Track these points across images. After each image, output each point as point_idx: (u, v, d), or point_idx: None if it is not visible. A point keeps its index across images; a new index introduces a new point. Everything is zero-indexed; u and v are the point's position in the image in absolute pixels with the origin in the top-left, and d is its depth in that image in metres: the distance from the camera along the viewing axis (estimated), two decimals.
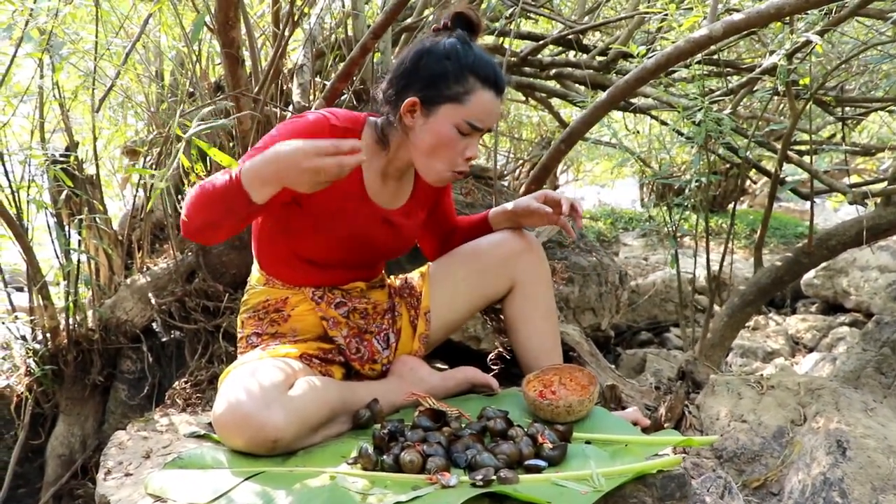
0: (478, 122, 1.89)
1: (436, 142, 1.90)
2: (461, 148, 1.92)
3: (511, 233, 2.24)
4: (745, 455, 2.29)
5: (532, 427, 1.79)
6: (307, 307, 2.07)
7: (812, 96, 2.47)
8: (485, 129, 1.93)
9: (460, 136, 1.90)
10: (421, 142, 1.92)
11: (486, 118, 1.92)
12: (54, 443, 2.75)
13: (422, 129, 1.91)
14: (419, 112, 1.90)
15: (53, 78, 2.44)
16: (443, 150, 1.91)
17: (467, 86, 1.87)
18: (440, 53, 1.88)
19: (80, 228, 2.70)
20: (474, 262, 2.20)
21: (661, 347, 5.11)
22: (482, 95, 1.89)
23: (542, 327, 2.20)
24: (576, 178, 10.18)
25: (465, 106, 1.88)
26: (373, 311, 2.15)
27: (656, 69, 1.94)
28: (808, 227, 2.73)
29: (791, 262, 2.79)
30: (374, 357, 2.11)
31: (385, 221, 2.07)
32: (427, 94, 1.88)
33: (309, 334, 2.08)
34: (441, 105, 1.88)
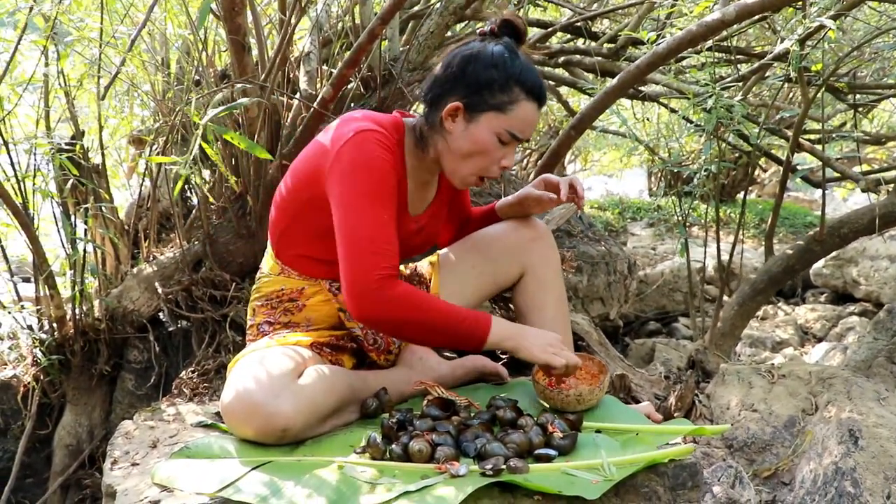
0: (518, 133, 1.89)
1: (474, 148, 1.89)
2: (498, 156, 1.92)
3: (521, 220, 2.22)
4: (756, 444, 2.27)
5: (542, 416, 1.77)
6: (323, 298, 2.05)
7: (825, 82, 2.43)
8: (524, 138, 1.93)
9: (499, 145, 1.89)
10: (458, 147, 1.90)
11: (527, 129, 1.91)
12: (61, 433, 2.74)
13: (461, 135, 1.89)
14: (461, 117, 1.88)
15: (59, 66, 2.42)
16: (479, 157, 1.91)
17: (512, 96, 1.85)
18: (488, 61, 1.86)
19: (86, 218, 2.69)
20: (484, 249, 2.18)
21: (669, 337, 5.09)
22: (525, 107, 1.87)
23: (552, 314, 2.18)
24: (584, 167, 10.14)
25: (508, 116, 1.86)
26: None
27: (668, 54, 1.92)
28: (820, 216, 2.70)
29: (802, 250, 2.76)
30: (390, 347, 2.10)
31: (416, 230, 2.07)
32: (471, 101, 1.86)
33: (323, 324, 2.06)
34: (484, 112, 1.86)
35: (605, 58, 3.25)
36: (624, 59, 3.21)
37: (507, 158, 1.93)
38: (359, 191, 1.79)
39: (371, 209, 1.78)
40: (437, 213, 2.15)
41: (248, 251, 2.71)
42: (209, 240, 2.70)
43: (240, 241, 2.70)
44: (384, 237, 1.78)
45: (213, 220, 2.77)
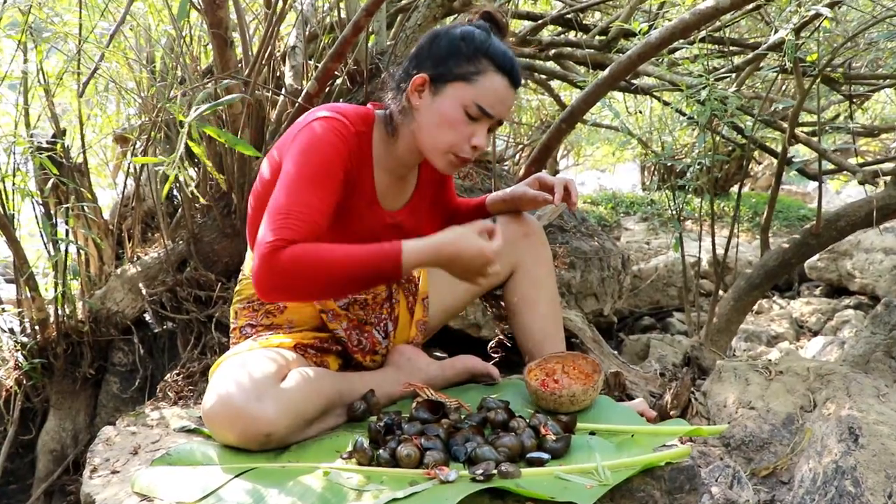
0: (487, 107, 1.79)
1: (441, 121, 1.81)
2: (467, 132, 1.82)
3: (512, 216, 2.17)
4: (754, 443, 2.23)
5: (534, 418, 1.73)
6: None
7: (821, 73, 2.39)
8: (495, 115, 1.82)
9: (467, 119, 1.80)
10: (426, 122, 1.83)
11: (497, 104, 1.81)
12: (45, 438, 2.68)
13: (428, 109, 1.82)
14: (427, 90, 1.82)
15: (38, 63, 2.36)
16: (447, 132, 1.82)
17: (479, 66, 1.79)
18: (455, 35, 1.81)
19: (67, 217, 2.63)
20: None
21: (663, 332, 5.05)
22: (494, 79, 1.79)
23: (543, 311, 2.14)
24: (576, 162, 10.10)
25: (474, 86, 1.78)
26: (372, 302, 2.07)
27: (660, 44, 1.86)
28: (816, 209, 2.65)
29: (798, 244, 2.71)
30: (375, 348, 2.04)
31: (392, 227, 2.00)
32: (437, 72, 1.81)
33: (305, 325, 2.01)
34: (450, 83, 1.80)
35: (596, 50, 3.20)
36: (615, 51, 3.16)
37: (478, 137, 1.83)
38: (295, 171, 1.74)
39: (299, 189, 1.71)
40: (417, 211, 2.08)
41: (233, 250, 2.65)
42: (194, 239, 2.65)
43: (225, 240, 2.65)
44: (299, 214, 1.69)
45: (197, 218, 2.71)
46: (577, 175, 10.99)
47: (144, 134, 2.78)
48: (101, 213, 2.90)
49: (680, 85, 2.54)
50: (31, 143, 2.47)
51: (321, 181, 1.74)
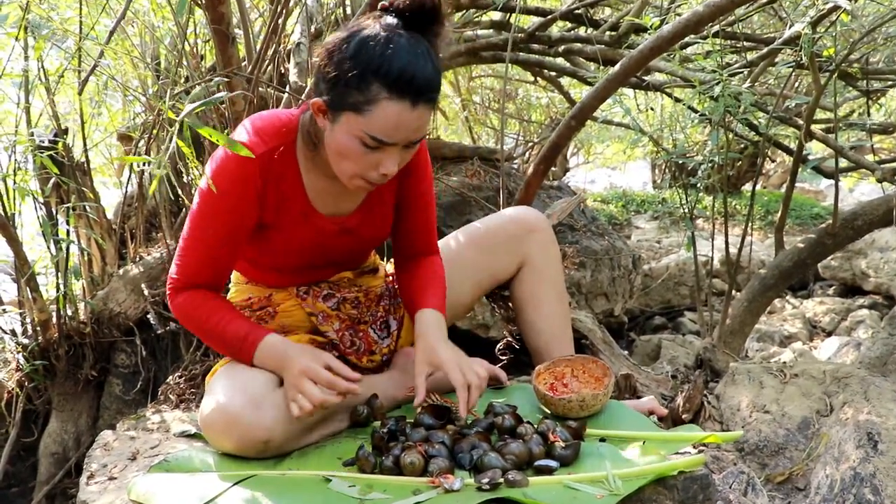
0: (384, 137, 1.57)
1: (340, 151, 1.64)
2: (370, 161, 1.63)
3: (520, 211, 2.13)
4: (769, 448, 2.17)
5: (542, 424, 1.67)
6: (293, 303, 1.95)
7: (838, 67, 2.32)
8: (396, 142, 1.60)
9: (366, 150, 1.60)
10: (329, 148, 1.68)
11: (393, 133, 1.58)
12: (47, 440, 2.66)
13: (329, 135, 1.65)
14: (327, 116, 1.64)
15: (38, 61, 2.32)
16: (348, 162, 1.64)
17: (369, 94, 1.54)
18: (349, 51, 1.56)
19: (68, 217, 2.59)
20: (481, 241, 2.09)
21: (675, 332, 5.00)
22: (387, 107, 1.54)
23: (551, 308, 2.09)
24: (586, 160, 10.04)
25: (366, 118, 1.56)
26: (365, 299, 2.02)
27: (673, 38, 1.81)
28: (832, 207, 2.59)
29: (814, 243, 2.65)
30: (372, 348, 1.99)
31: (339, 231, 1.87)
32: (331, 98, 1.61)
33: (299, 330, 1.96)
34: (343, 112, 1.59)
35: (606, 46, 3.14)
36: (626, 47, 3.10)
37: (386, 164, 1.62)
38: (196, 208, 1.75)
39: (197, 226, 1.75)
40: (372, 215, 1.92)
41: None
42: None
43: None
44: (195, 254, 1.76)
45: None
46: (588, 173, 10.92)
47: (147, 132, 2.74)
48: (104, 213, 2.87)
49: (693, 81, 2.48)
50: (32, 142, 2.43)
51: (219, 216, 1.73)
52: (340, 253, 1.95)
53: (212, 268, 1.77)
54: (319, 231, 1.85)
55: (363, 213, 1.91)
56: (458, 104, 5.96)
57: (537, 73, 4.67)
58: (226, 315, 1.75)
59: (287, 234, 1.82)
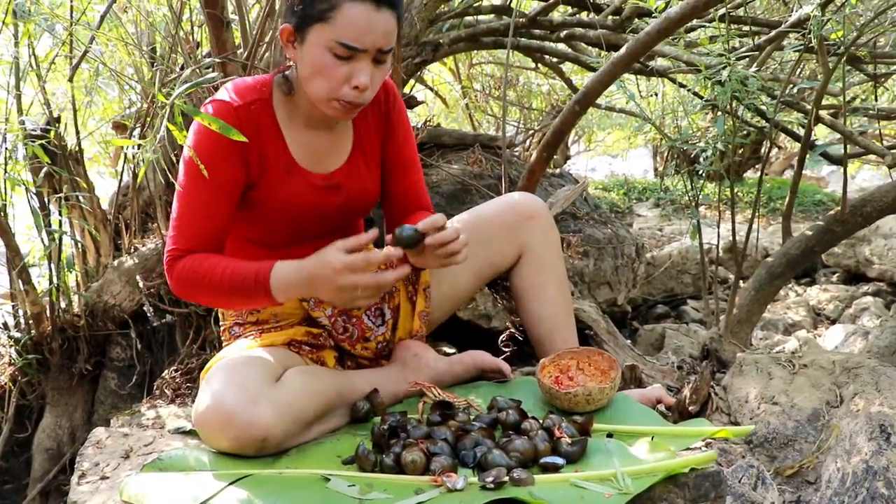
0: (351, 42, 1.60)
1: (312, 71, 1.65)
2: (342, 74, 1.64)
3: (516, 197, 2.08)
4: (778, 440, 2.13)
5: (548, 419, 1.62)
6: None
7: (847, 51, 2.27)
8: (365, 48, 1.62)
9: (337, 61, 1.63)
10: (303, 74, 1.69)
11: (361, 36, 1.60)
12: (41, 436, 2.61)
13: (300, 60, 1.68)
14: (296, 41, 1.68)
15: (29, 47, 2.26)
16: (321, 80, 1.65)
17: (331, 0, 1.59)
18: None
19: (61, 208, 2.54)
20: (478, 230, 2.01)
21: (678, 320, 4.94)
22: (351, 9, 1.58)
23: (553, 296, 2.04)
24: (587, 148, 9.98)
25: (332, 24, 1.59)
26: None
27: (681, 19, 1.75)
28: (842, 194, 2.54)
29: (822, 231, 2.60)
30: (366, 335, 1.94)
31: (325, 187, 1.85)
32: (297, 20, 1.65)
33: (292, 318, 1.91)
34: (310, 28, 1.63)
35: (610, 30, 3.08)
36: (630, 31, 3.04)
37: (358, 75, 1.64)
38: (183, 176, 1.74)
39: (187, 193, 1.73)
40: (357, 170, 1.91)
41: None
42: None
43: None
44: (189, 220, 1.73)
45: None
46: (589, 160, 10.86)
47: (141, 121, 2.68)
48: (99, 203, 2.81)
49: (699, 65, 2.42)
50: (22, 131, 2.37)
51: (206, 180, 1.69)
52: (330, 215, 1.89)
53: (206, 233, 1.73)
54: (305, 187, 1.82)
55: (348, 168, 1.90)
56: (459, 91, 5.90)
57: (539, 59, 4.60)
58: (229, 264, 1.68)
59: (274, 193, 1.79)
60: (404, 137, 2.00)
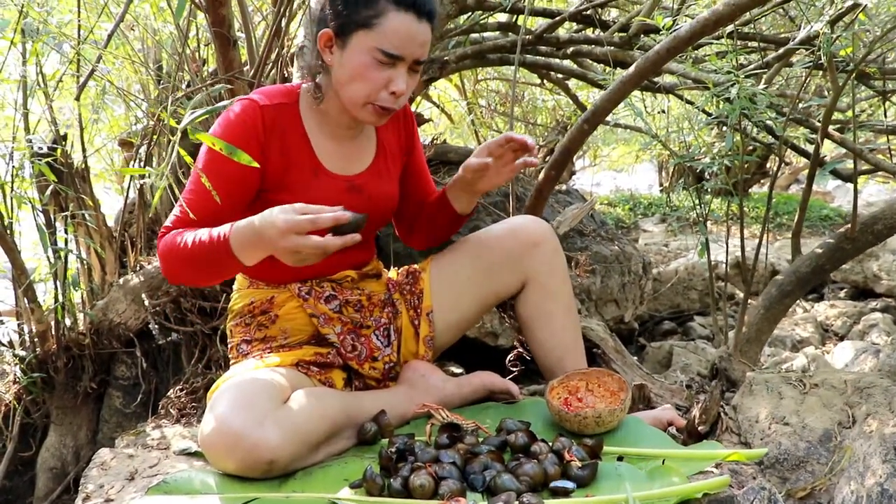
0: (393, 49, 1.68)
1: (352, 75, 1.72)
2: (382, 80, 1.72)
3: (519, 222, 2.05)
4: (789, 461, 2.09)
5: (557, 442, 1.61)
6: (294, 305, 1.89)
7: (857, 67, 2.25)
8: (405, 56, 1.71)
9: (378, 66, 1.70)
10: (339, 78, 1.75)
11: (403, 45, 1.69)
12: (45, 455, 2.59)
13: (339, 64, 1.73)
14: (335, 45, 1.73)
15: (38, 66, 2.26)
16: (360, 84, 1.72)
17: (377, 8, 1.67)
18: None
19: (66, 225, 2.53)
20: (481, 257, 2.01)
21: (685, 337, 4.92)
22: (395, 18, 1.67)
23: (561, 325, 2.01)
24: (592, 163, 9.97)
25: (376, 31, 1.67)
26: (368, 303, 1.96)
27: (691, 37, 1.74)
28: (852, 211, 2.51)
29: (832, 248, 2.57)
30: (374, 354, 1.92)
31: (350, 189, 1.88)
32: (338, 24, 1.70)
33: (301, 334, 1.90)
34: (353, 34, 1.69)
35: (617, 47, 3.07)
36: (637, 48, 3.03)
37: (396, 83, 1.72)
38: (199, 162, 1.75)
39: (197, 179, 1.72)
40: (380, 174, 1.96)
41: None
42: None
43: None
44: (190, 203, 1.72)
45: None
46: (594, 176, 10.84)
47: (147, 139, 2.68)
48: (104, 221, 2.80)
49: (707, 82, 2.41)
50: (28, 150, 2.36)
51: (219, 168, 1.71)
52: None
53: (204, 219, 1.71)
54: (330, 189, 1.84)
55: (371, 172, 1.93)
56: (464, 107, 5.90)
57: (544, 75, 4.59)
58: (199, 232, 1.64)
59: (300, 195, 1.77)
60: (419, 150, 2.11)
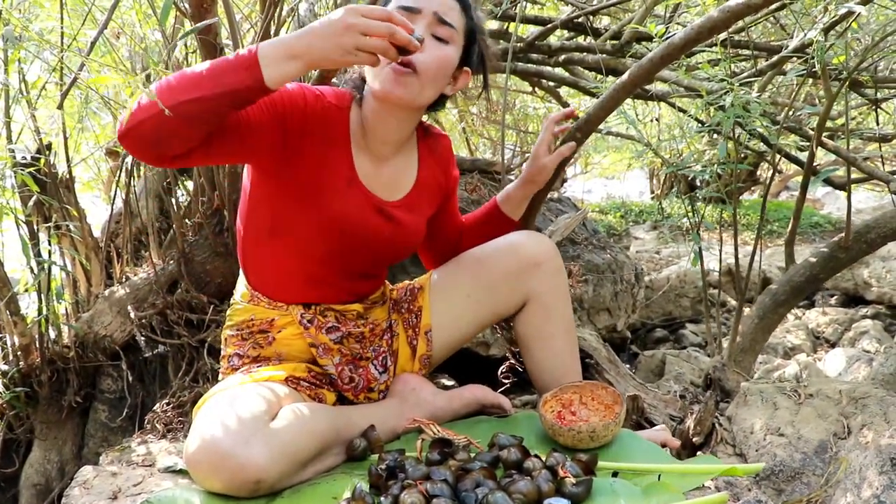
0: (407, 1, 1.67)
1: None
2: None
3: (521, 239, 2.00)
4: (785, 473, 2.07)
5: (551, 457, 1.57)
6: (294, 331, 1.85)
7: (850, 76, 2.23)
8: (420, 8, 1.67)
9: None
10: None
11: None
12: (29, 471, 2.54)
13: None
14: None
15: (9, 71, 2.22)
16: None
17: None
18: None
19: (50, 237, 2.48)
20: (481, 275, 1.97)
21: (677, 344, 4.90)
22: None
23: (559, 345, 1.98)
24: (584, 170, 9.96)
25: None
26: (370, 334, 1.92)
27: (685, 45, 1.71)
28: (846, 220, 2.49)
29: (826, 258, 2.55)
30: (371, 385, 1.89)
31: (380, 211, 1.81)
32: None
33: (295, 360, 1.86)
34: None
35: (609, 55, 3.05)
36: (629, 56, 3.01)
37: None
38: None
39: None
40: (416, 208, 1.90)
41: (226, 270, 2.50)
42: (184, 258, 2.50)
43: (217, 259, 2.50)
44: None
45: (188, 236, 2.56)
46: (585, 183, 10.84)
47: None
48: (90, 231, 2.76)
49: (700, 90, 2.38)
50: (10, 160, 2.32)
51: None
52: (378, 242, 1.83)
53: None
54: (358, 203, 1.77)
55: (404, 205, 1.87)
56: (456, 115, 5.88)
57: (536, 83, 4.57)
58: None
59: (330, 200, 1.73)
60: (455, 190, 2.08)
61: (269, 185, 1.74)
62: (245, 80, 1.42)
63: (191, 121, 1.44)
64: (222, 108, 1.45)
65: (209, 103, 1.43)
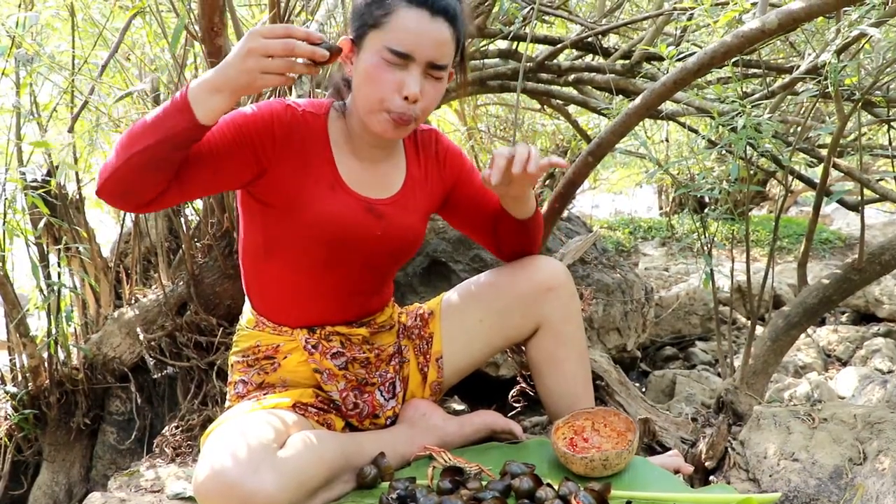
0: (399, 47, 1.58)
1: (363, 78, 1.63)
2: (392, 82, 1.61)
3: (534, 264, 1.97)
4: (799, 499, 2.04)
5: (564, 486, 1.55)
6: (300, 357, 1.83)
7: (863, 97, 2.22)
8: (414, 55, 1.60)
9: (388, 68, 1.60)
10: (355, 85, 1.67)
11: (412, 41, 1.59)
12: (37, 493, 2.53)
13: (355, 72, 1.67)
14: (353, 54, 1.67)
15: (19, 94, 2.22)
16: (371, 87, 1.62)
17: (386, 6, 1.59)
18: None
19: (60, 258, 2.48)
20: (493, 300, 1.95)
21: (686, 363, 4.87)
22: (404, 15, 1.58)
23: (571, 371, 1.95)
24: (592, 186, 9.95)
25: (385, 30, 1.59)
26: (375, 360, 1.90)
27: (699, 70, 1.70)
28: (859, 243, 2.47)
29: (839, 279, 2.53)
30: (376, 411, 1.87)
31: (369, 210, 1.77)
32: (355, 29, 1.65)
33: (300, 386, 1.84)
34: (366, 36, 1.62)
35: (619, 75, 3.05)
36: (640, 76, 3.00)
37: (408, 85, 1.60)
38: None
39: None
40: (405, 206, 1.84)
41: (235, 292, 2.49)
42: (194, 280, 2.49)
43: (226, 281, 2.49)
44: None
45: (198, 258, 2.56)
46: (593, 198, 10.82)
47: None
48: (100, 252, 2.76)
49: (712, 111, 2.37)
50: (21, 182, 2.32)
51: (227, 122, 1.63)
52: (369, 243, 1.79)
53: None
54: (347, 205, 1.74)
55: (395, 201, 1.83)
56: (464, 132, 5.88)
57: (545, 101, 4.57)
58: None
59: (314, 206, 1.71)
60: (469, 168, 1.98)
61: (256, 204, 1.74)
62: (181, 123, 1.46)
63: (144, 170, 1.48)
64: (167, 152, 1.48)
65: (154, 151, 1.47)
